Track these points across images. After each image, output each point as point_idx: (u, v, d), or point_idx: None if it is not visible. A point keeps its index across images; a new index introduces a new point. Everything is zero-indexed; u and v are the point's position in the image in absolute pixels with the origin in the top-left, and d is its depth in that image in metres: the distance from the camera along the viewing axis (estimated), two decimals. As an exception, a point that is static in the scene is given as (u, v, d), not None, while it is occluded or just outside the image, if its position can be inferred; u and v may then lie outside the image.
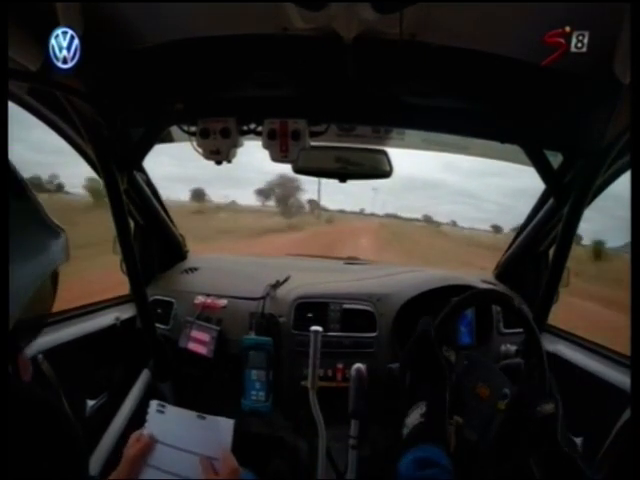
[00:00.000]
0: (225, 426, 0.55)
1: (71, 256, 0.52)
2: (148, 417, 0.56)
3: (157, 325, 1.37)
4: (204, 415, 0.55)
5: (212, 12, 0.75)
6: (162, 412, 0.56)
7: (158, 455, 0.54)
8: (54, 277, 0.53)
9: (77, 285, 1.96)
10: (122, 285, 1.42)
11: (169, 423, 0.56)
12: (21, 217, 0.46)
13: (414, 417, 0.74)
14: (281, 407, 1.32)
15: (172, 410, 0.57)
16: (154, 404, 0.57)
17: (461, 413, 0.88)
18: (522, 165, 1.29)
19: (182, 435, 0.55)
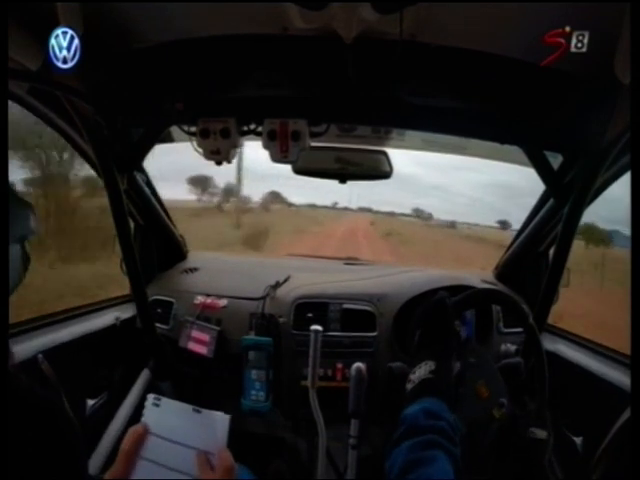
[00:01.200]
0: (221, 421, 0.55)
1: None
2: (144, 411, 0.56)
3: (157, 325, 1.37)
4: (199, 409, 0.55)
5: (212, 12, 0.75)
6: (158, 405, 0.56)
7: (153, 448, 0.54)
8: (25, 250, 0.53)
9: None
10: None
11: (164, 416, 0.55)
12: None
13: (422, 372, 0.73)
14: (281, 407, 1.32)
15: (168, 403, 0.56)
16: (150, 397, 0.57)
17: (461, 413, 0.88)
18: (522, 166, 1.30)
19: (177, 428, 0.55)
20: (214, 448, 0.53)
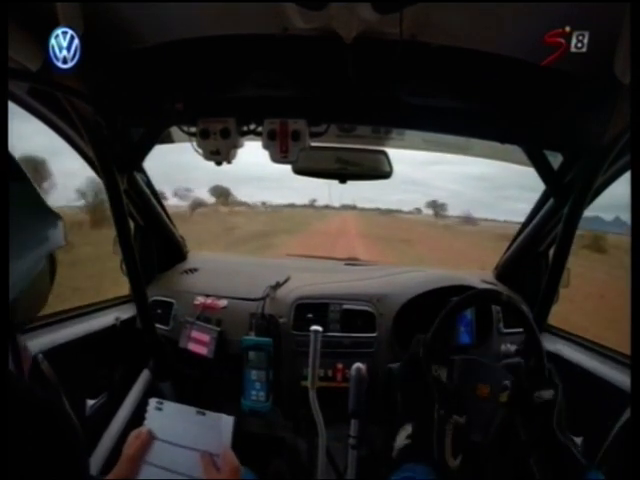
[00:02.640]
0: (226, 423, 0.55)
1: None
2: (147, 414, 0.56)
3: (157, 325, 1.37)
4: (203, 411, 0.55)
5: (212, 12, 0.75)
6: (161, 409, 0.56)
7: (157, 452, 0.54)
8: (52, 261, 0.53)
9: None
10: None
11: (168, 420, 0.55)
12: (21, 200, 0.46)
13: (401, 439, 0.80)
14: (281, 407, 1.32)
15: (171, 406, 0.56)
16: (153, 401, 0.57)
17: (461, 414, 0.89)
18: (522, 165, 1.30)
19: (181, 431, 0.55)
20: (218, 450, 0.53)
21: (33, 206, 0.49)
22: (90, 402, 1.22)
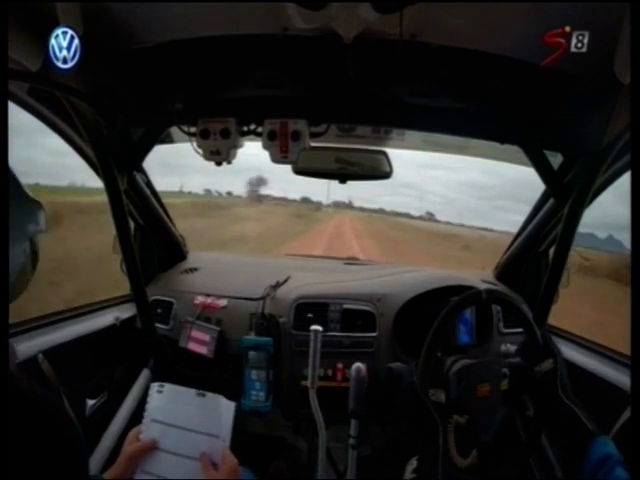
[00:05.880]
0: (226, 407, 0.56)
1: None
2: (149, 399, 0.57)
3: (157, 325, 1.37)
4: (204, 392, 0.56)
5: (212, 12, 0.75)
6: (162, 392, 0.56)
7: (160, 437, 0.54)
8: (34, 248, 0.54)
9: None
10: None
11: (169, 402, 0.56)
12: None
13: (407, 474, 0.80)
14: (281, 407, 1.32)
15: (171, 389, 0.57)
16: (154, 385, 0.57)
17: (461, 413, 0.89)
18: (522, 165, 1.30)
19: (182, 413, 0.55)
20: (218, 431, 0.54)
21: (15, 193, 0.50)
22: (90, 402, 1.22)
